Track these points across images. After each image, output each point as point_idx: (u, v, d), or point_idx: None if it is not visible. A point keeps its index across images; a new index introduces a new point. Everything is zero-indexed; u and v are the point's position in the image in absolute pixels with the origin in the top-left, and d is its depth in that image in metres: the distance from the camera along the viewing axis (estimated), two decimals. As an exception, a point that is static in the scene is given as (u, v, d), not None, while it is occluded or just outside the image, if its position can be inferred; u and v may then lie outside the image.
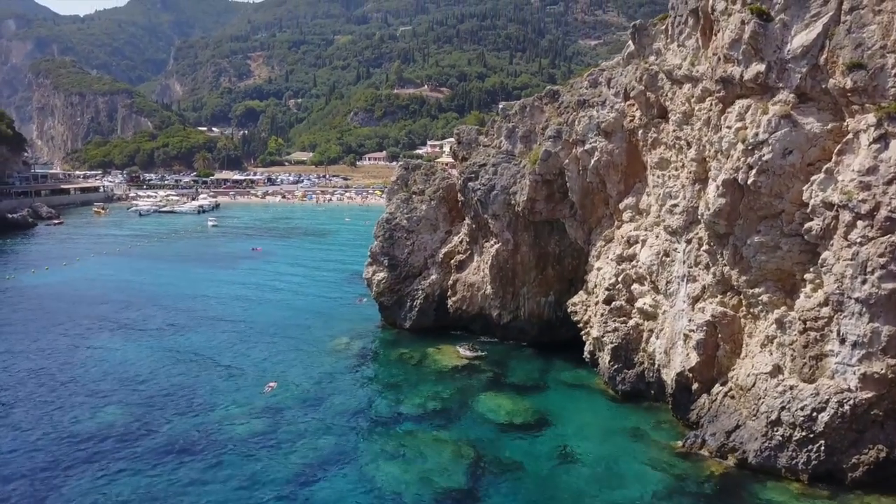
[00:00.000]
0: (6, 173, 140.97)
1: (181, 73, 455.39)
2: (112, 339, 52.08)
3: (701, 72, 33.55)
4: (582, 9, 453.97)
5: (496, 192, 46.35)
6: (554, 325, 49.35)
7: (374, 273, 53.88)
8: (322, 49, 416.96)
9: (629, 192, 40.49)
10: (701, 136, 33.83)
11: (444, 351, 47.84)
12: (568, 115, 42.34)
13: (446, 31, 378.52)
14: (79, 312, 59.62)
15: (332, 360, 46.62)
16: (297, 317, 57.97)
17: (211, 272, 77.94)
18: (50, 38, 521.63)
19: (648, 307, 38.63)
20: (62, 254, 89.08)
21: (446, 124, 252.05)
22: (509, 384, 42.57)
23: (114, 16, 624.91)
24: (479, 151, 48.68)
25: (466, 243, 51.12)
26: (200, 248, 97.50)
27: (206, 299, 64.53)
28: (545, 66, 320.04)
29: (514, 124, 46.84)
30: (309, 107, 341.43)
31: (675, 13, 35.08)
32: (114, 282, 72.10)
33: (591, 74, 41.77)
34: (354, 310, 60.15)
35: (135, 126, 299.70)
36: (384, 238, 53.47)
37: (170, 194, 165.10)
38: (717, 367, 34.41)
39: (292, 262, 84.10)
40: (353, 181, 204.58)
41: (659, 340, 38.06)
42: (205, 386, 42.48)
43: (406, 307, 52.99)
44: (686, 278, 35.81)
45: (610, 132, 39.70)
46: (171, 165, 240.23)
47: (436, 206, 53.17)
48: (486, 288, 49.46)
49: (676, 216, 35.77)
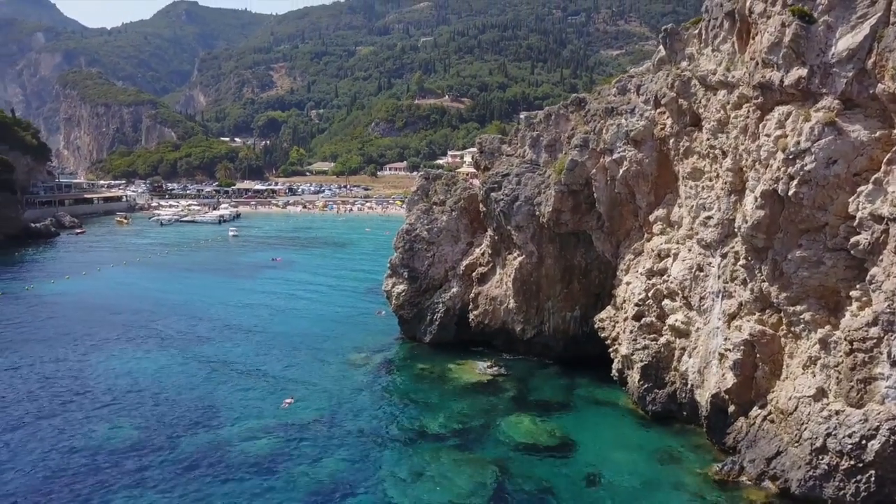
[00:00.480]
0: (31, 183, 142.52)
1: (205, 84, 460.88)
2: (128, 349, 51.36)
3: (737, 77, 31.92)
4: (604, 19, 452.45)
5: (520, 202, 44.91)
6: (580, 340, 47.63)
7: (394, 285, 52.64)
8: (344, 60, 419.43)
9: (659, 203, 38.83)
10: (737, 145, 32.16)
11: (465, 367, 46.33)
12: (595, 124, 40.84)
13: (467, 42, 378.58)
14: (96, 322, 59.13)
15: (351, 375, 45.36)
16: (315, 329, 56.89)
17: (230, 282, 77.33)
18: (78, 50, 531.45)
19: (680, 324, 36.85)
20: (83, 263, 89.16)
21: (467, 134, 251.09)
22: (533, 403, 40.92)
23: (140, 28, 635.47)
24: (502, 161, 47.32)
25: (488, 255, 49.69)
26: (220, 257, 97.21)
27: (224, 310, 63.77)
28: (567, 76, 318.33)
29: (539, 133, 45.42)
30: (330, 117, 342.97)
31: (708, 16, 33.52)
32: (132, 292, 71.70)
33: (619, 81, 40.27)
34: (373, 322, 58.94)
35: (159, 136, 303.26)
36: (404, 249, 52.23)
37: (191, 204, 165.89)
38: (755, 388, 32.52)
39: (312, 273, 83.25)
40: (373, 191, 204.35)
41: (692, 359, 36.25)
42: (221, 399, 41.45)
43: (426, 321, 51.62)
44: (721, 294, 34.03)
45: (639, 141, 38.14)
46: (194, 175, 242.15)
47: (457, 216, 51.85)
48: (508, 302, 47.94)
49: (711, 229, 34.05)
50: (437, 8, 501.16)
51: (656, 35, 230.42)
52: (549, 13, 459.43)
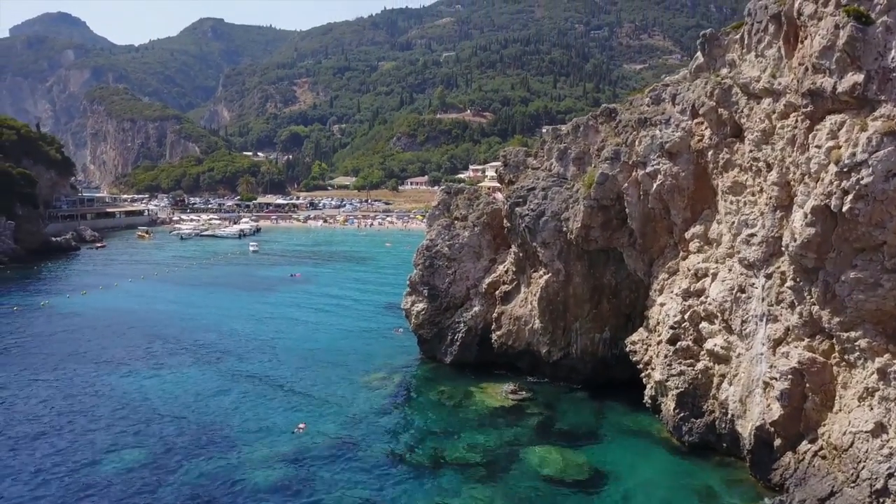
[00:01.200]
0: (54, 197, 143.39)
1: (229, 99, 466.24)
2: (138, 367, 49.89)
3: (784, 84, 29.61)
4: (627, 33, 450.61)
5: (546, 218, 42.74)
6: (609, 363, 45.15)
7: (413, 303, 50.62)
8: (366, 75, 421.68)
9: (696, 219, 36.44)
10: (784, 157, 29.78)
11: (487, 391, 44.00)
12: (627, 135, 38.66)
13: (489, 57, 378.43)
14: (108, 339, 57.89)
15: (367, 399, 43.29)
16: (332, 348, 55.02)
17: (248, 299, 75.89)
18: (106, 66, 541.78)
19: (720, 349, 34.30)
20: (101, 278, 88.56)
21: (489, 149, 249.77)
22: (560, 432, 38.48)
23: (167, 45, 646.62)
24: (528, 174, 45.23)
25: (513, 273, 47.49)
26: (239, 273, 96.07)
27: (239, 327, 62.21)
28: (590, 90, 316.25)
29: (567, 145, 43.30)
30: (352, 132, 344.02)
31: (752, 20, 31.29)
32: (147, 308, 70.52)
33: (653, 90, 38.08)
34: (392, 341, 56.92)
35: (183, 151, 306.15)
36: (424, 266, 50.23)
37: (212, 218, 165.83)
38: (804, 421, 29.86)
39: (330, 289, 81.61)
40: (394, 205, 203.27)
41: (733, 387, 33.65)
42: (231, 424, 39.62)
43: (447, 341, 49.47)
44: (766, 318, 31.49)
45: (675, 153, 35.86)
46: (216, 189, 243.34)
47: (479, 232, 49.78)
48: (534, 322, 45.65)
49: (754, 247, 31.60)
50: (460, 23, 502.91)
51: (680, 49, 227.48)
52: (572, 28, 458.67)
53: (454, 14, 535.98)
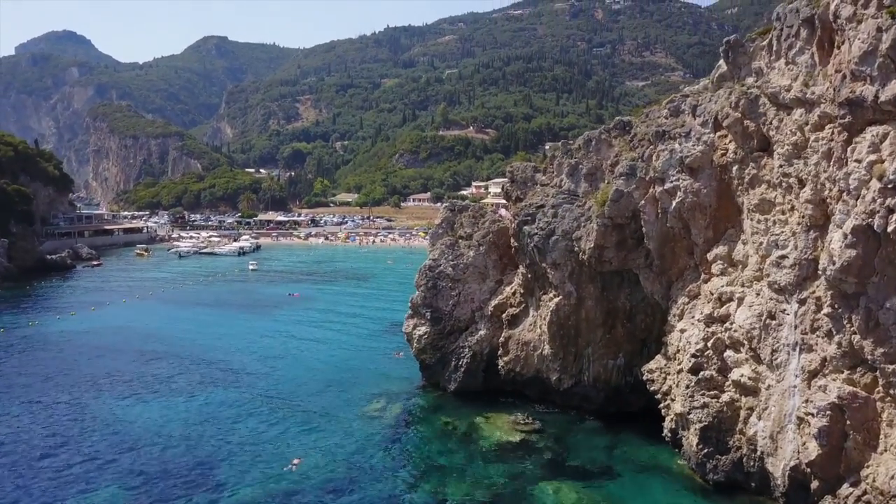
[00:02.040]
0: (51, 213, 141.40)
1: (232, 116, 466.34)
2: (124, 397, 47.15)
3: (818, 93, 27.24)
4: (629, 50, 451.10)
5: (556, 237, 40.27)
6: (623, 392, 42.47)
7: (415, 327, 48.00)
8: (369, 92, 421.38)
9: (719, 239, 33.93)
10: (819, 173, 27.34)
11: (494, 421, 41.22)
12: (643, 149, 36.27)
13: (492, 74, 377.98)
14: (94, 364, 55.14)
15: (366, 430, 40.57)
16: (329, 373, 52.33)
17: (244, 320, 73.26)
18: (110, 84, 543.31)
19: (747, 380, 31.63)
20: (93, 298, 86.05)
21: (491, 165, 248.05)
22: (572, 467, 35.71)
23: (171, 63, 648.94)
24: (536, 191, 42.80)
25: (520, 295, 44.93)
26: (237, 292, 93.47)
27: (233, 351, 59.54)
28: (592, 106, 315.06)
29: (578, 160, 40.90)
30: (355, 149, 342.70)
31: (781, 24, 28.99)
32: (139, 330, 67.83)
33: (671, 101, 35.71)
34: (392, 365, 54.22)
35: (185, 168, 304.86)
36: (427, 288, 47.69)
37: (211, 235, 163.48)
38: (845, 462, 27.13)
39: (330, 309, 79.00)
40: (396, 222, 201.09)
41: (762, 422, 30.93)
42: (221, 458, 36.95)
43: (450, 367, 46.78)
44: (799, 347, 28.87)
45: (696, 168, 33.44)
46: (217, 206, 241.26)
47: (485, 252, 47.30)
48: (543, 347, 43.01)
49: (785, 270, 29.04)
50: (462, 41, 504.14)
51: (682, 66, 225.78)
52: (574, 45, 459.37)
53: (456, 32, 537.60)
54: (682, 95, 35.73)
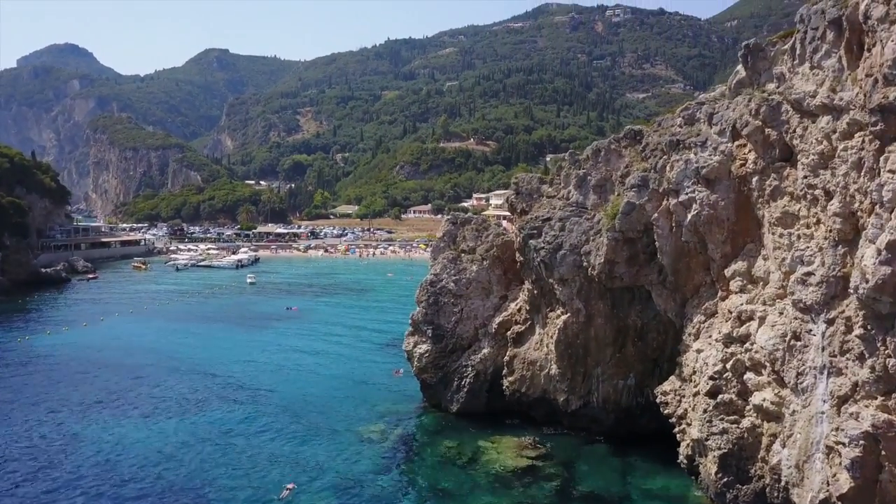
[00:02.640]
0: (48, 226, 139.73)
1: (232, 128, 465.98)
2: (111, 416, 45.14)
3: (846, 99, 25.48)
4: (629, 63, 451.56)
5: (564, 251, 38.43)
6: (634, 413, 40.46)
7: (416, 345, 46.06)
8: (370, 104, 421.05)
9: (738, 254, 32.07)
10: (848, 184, 25.52)
11: (499, 445, 39.17)
12: (655, 160, 34.50)
13: (493, 86, 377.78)
14: (83, 381, 53.21)
15: (364, 455, 38.54)
16: (326, 392, 50.32)
17: (240, 335, 71.29)
18: (111, 96, 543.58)
19: (770, 405, 29.65)
20: (87, 312, 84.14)
21: (492, 177, 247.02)
22: (582, 495, 33.67)
23: (172, 75, 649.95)
24: (543, 203, 40.99)
25: (526, 312, 43.02)
26: (234, 306, 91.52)
27: (228, 368, 57.51)
28: (593, 118, 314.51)
29: (586, 171, 39.14)
30: (355, 161, 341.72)
31: (805, 27, 27.29)
32: (131, 345, 65.86)
33: (685, 109, 33.96)
34: (392, 384, 52.19)
35: (184, 180, 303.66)
36: (428, 304, 45.78)
37: (209, 248, 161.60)
38: (880, 495, 25.11)
39: (328, 324, 77.05)
40: (397, 234, 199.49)
41: (787, 450, 28.91)
42: (210, 482, 35.03)
43: (453, 387, 44.78)
44: (827, 370, 26.91)
45: (713, 180, 31.65)
46: (217, 218, 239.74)
47: (488, 266, 45.44)
48: (550, 367, 41.06)
49: (812, 288, 27.15)
50: (463, 53, 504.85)
51: (682, 78, 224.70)
52: (574, 57, 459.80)
53: (457, 44, 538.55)
54: (697, 103, 33.98)
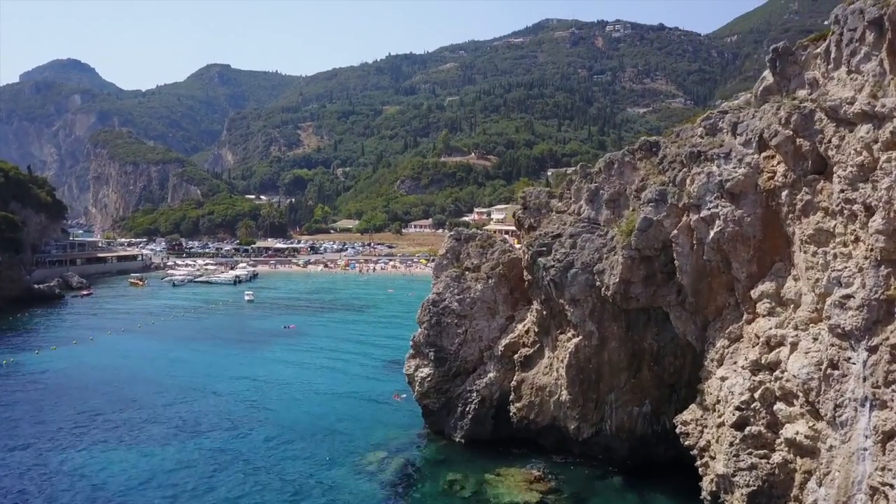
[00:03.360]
0: (43, 241, 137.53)
1: (233, 142, 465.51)
2: (95, 445, 42.57)
3: (889, 106, 23.32)
4: (629, 77, 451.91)
5: (575, 270, 36.14)
6: (650, 442, 37.99)
7: (418, 368, 43.62)
8: (370, 119, 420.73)
9: (765, 274, 29.76)
10: (892, 198, 23.28)
11: (506, 477, 36.60)
12: (674, 172, 32.30)
13: (493, 101, 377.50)
14: (66, 407, 50.51)
15: (362, 487, 36.02)
16: (322, 417, 47.79)
17: (235, 356, 68.73)
18: (112, 111, 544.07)
19: (803, 439, 27.18)
20: (79, 331, 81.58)
21: (493, 191, 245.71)
22: (599, 535, 31.16)
23: (173, 90, 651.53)
24: (552, 219, 38.75)
25: (534, 334, 40.63)
26: (230, 324, 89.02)
27: (221, 391, 54.97)
28: (594, 133, 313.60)
29: (598, 185, 36.94)
30: (356, 175, 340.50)
31: (840, 28, 25.17)
32: (122, 366, 63.34)
33: (706, 119, 31.79)
34: (392, 409, 49.64)
35: (184, 194, 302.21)
36: (430, 324, 43.40)
37: (207, 263, 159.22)
38: (932, 543, 22.67)
39: (326, 343, 74.55)
40: (397, 249, 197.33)
41: (823, 489, 26.40)
42: (196, 521, 32.43)
43: (457, 413, 42.30)
44: (869, 402, 24.51)
45: (738, 194, 29.41)
46: (216, 233, 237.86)
47: (494, 285, 43.12)
48: (560, 393, 38.62)
49: (851, 312, 24.80)
50: (463, 68, 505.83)
51: (683, 93, 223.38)
52: (575, 72, 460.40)
53: (458, 59, 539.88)
54: (719, 112, 31.79)
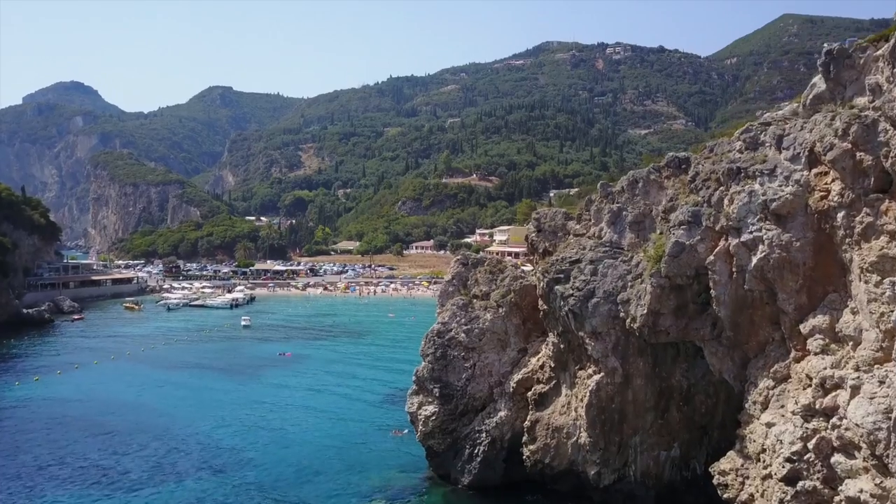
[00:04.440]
0: (36, 264, 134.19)
1: (234, 164, 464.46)
2: (60, 489, 38.77)
3: (973, 114, 20.09)
4: (630, 99, 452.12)
5: (597, 299, 32.70)
6: (678, 489, 34.26)
7: (421, 406, 39.95)
8: (372, 140, 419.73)
9: (816, 306, 26.30)
10: (977, 220, 19.95)
11: (520, 531, 32.92)
12: (708, 192, 28.99)
13: (495, 122, 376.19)
14: (41, 445, 46.96)
15: (360, 543, 32.26)
16: (316, 457, 44.04)
17: (225, 386, 64.93)
18: (114, 133, 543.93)
19: (868, 497, 23.52)
20: (66, 358, 77.95)
21: (495, 213, 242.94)
22: None
23: (175, 112, 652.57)
24: (570, 242, 35.42)
25: (550, 369, 37.05)
26: (223, 352, 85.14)
27: (205, 427, 51.10)
28: (596, 154, 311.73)
29: (621, 205, 33.66)
30: (357, 196, 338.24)
31: (908, 26, 22.06)
32: (103, 400, 59.37)
33: (746, 131, 28.51)
34: (392, 448, 45.85)
35: (184, 216, 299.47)
36: (435, 358, 39.83)
37: (204, 286, 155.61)
38: None
39: (323, 373, 70.80)
40: (398, 271, 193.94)
41: (895, 558, 22.73)
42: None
43: (464, 455, 38.56)
44: (952, 459, 20.97)
45: (785, 215, 26.07)
46: (215, 255, 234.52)
47: (505, 314, 39.62)
48: (579, 435, 34.97)
49: (928, 352, 21.36)
50: (464, 90, 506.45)
51: (684, 114, 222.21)
52: (576, 94, 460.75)
53: (459, 81, 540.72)
54: (761, 123, 28.51)
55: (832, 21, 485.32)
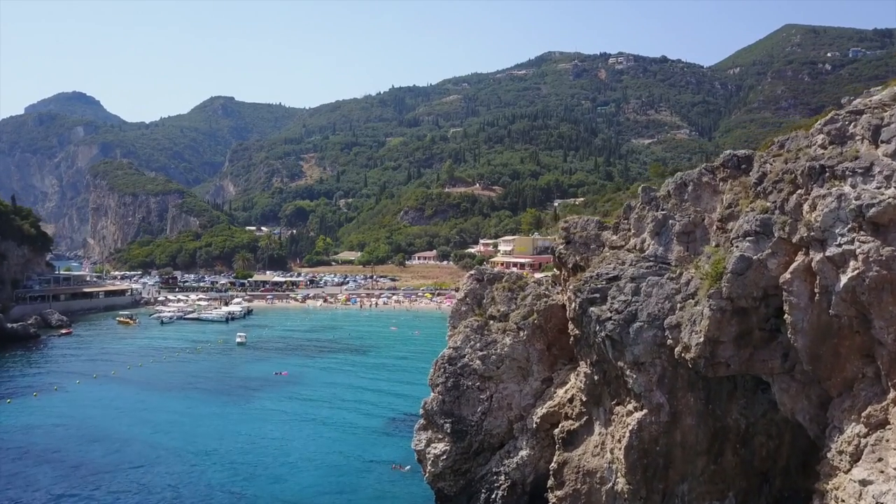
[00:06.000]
0: (25, 276, 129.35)
1: (235, 174, 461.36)
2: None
3: None
4: (633, 109, 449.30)
5: (640, 324, 27.69)
6: (733, 547, 29.10)
7: (430, 443, 34.88)
8: (374, 150, 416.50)
9: (924, 336, 21.29)
10: None
11: None
12: (780, 195, 24.05)
13: (497, 132, 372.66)
14: (12, 477, 41.85)
15: None
16: (307, 495, 38.95)
17: (216, 410, 59.89)
18: (115, 143, 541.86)
19: None
20: (45, 378, 72.90)
21: (499, 222, 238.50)
22: None
23: (177, 122, 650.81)
24: (605, 256, 30.46)
25: (581, 403, 31.99)
26: (216, 370, 79.98)
27: (187, 457, 46.22)
28: (601, 163, 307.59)
29: (667, 212, 28.74)
30: (359, 206, 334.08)
31: None
32: (80, 426, 54.39)
33: (830, 122, 23.58)
34: (394, 487, 40.71)
35: (183, 225, 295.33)
36: (446, 388, 34.84)
37: (200, 299, 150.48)
38: None
39: (319, 394, 65.75)
40: (401, 282, 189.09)
41: None
42: None
43: (479, 500, 33.44)
44: None
45: (885, 224, 21.12)
46: (213, 265, 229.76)
47: (527, 338, 34.62)
48: (616, 480, 29.86)
49: None
50: (467, 100, 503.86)
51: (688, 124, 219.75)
52: (579, 104, 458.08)
53: (461, 91, 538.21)
54: (849, 112, 23.56)
55: (835, 31, 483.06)
